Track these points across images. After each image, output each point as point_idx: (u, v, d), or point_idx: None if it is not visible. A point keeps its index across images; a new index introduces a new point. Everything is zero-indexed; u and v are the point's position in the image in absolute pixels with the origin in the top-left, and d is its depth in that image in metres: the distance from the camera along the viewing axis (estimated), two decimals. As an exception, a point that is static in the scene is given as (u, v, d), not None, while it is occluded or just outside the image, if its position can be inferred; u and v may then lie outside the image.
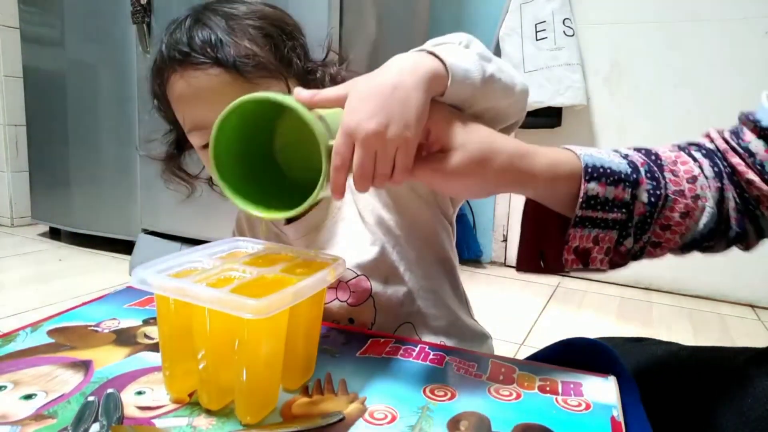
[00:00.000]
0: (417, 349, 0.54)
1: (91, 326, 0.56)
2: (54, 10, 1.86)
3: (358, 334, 0.57)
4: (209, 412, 0.42)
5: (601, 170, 0.46)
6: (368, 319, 0.64)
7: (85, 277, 1.64)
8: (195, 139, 0.60)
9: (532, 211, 0.51)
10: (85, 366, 0.48)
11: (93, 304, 0.62)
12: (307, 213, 0.66)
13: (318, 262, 0.47)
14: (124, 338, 0.54)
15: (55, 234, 2.11)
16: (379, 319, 0.64)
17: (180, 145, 0.68)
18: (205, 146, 0.59)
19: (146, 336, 0.55)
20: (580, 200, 0.46)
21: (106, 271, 1.72)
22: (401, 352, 0.53)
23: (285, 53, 0.60)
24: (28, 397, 0.43)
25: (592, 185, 0.46)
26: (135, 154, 1.75)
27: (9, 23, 2.13)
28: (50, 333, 0.54)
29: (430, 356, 0.52)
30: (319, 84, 0.64)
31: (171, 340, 0.43)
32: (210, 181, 0.73)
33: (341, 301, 0.64)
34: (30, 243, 2.04)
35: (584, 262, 0.49)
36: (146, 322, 0.58)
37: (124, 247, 1.83)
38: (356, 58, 1.49)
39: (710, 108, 1.67)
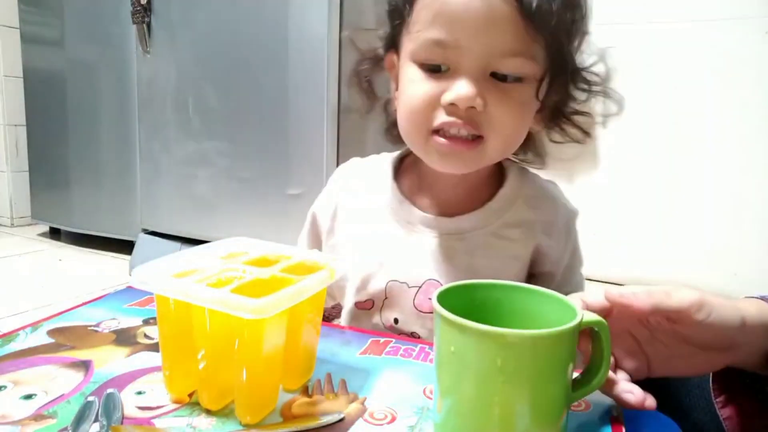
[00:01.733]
0: (417, 349, 0.54)
1: (91, 326, 0.56)
2: (54, 10, 1.87)
3: (358, 335, 0.57)
4: (209, 412, 0.42)
5: None
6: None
7: (85, 277, 1.65)
8: (426, 50, 0.51)
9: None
10: (85, 366, 0.48)
11: (93, 304, 0.62)
12: (465, 213, 0.61)
13: (317, 263, 0.47)
14: (124, 338, 0.54)
15: (55, 234, 2.11)
16: None
17: (390, 45, 0.59)
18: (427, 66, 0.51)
19: (146, 336, 0.55)
20: None
21: (106, 271, 1.73)
22: (401, 352, 0.53)
23: (575, 36, 0.54)
24: (28, 397, 0.43)
25: None
26: (135, 154, 1.76)
27: (9, 23, 2.13)
28: (50, 333, 0.54)
29: (431, 356, 0.52)
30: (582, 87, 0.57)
31: (171, 340, 0.43)
32: (388, 131, 0.64)
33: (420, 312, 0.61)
34: (30, 243, 2.04)
35: None
36: (146, 322, 0.58)
37: (124, 247, 1.84)
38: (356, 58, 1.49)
39: (710, 108, 1.67)
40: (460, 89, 0.49)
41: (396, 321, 0.63)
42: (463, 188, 0.61)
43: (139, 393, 0.44)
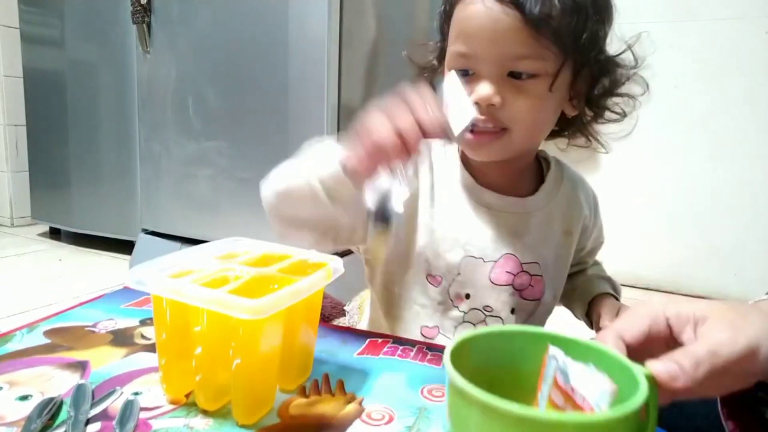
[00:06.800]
0: (414, 349, 0.54)
1: (87, 327, 0.56)
2: (54, 10, 1.86)
3: (355, 335, 0.57)
4: (206, 413, 0.42)
5: None
6: (523, 319, 0.66)
7: (85, 277, 1.64)
8: (454, 60, 0.58)
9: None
10: (82, 367, 0.48)
11: (90, 305, 0.62)
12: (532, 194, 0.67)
13: (314, 263, 0.47)
14: (121, 339, 0.54)
15: (55, 234, 2.11)
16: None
17: (441, 57, 0.65)
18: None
19: (143, 336, 0.54)
20: None
21: (106, 271, 1.72)
22: (399, 352, 0.53)
23: (585, 34, 0.58)
24: (24, 398, 0.43)
25: None
26: (135, 154, 1.75)
27: (9, 23, 2.12)
28: (47, 333, 0.54)
29: (428, 356, 0.52)
30: (605, 82, 0.63)
31: (168, 341, 0.43)
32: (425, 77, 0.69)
33: (516, 289, 0.65)
34: (30, 243, 2.04)
35: None
36: (143, 323, 0.58)
37: (124, 247, 1.83)
38: (356, 58, 1.49)
39: (710, 108, 1.67)
40: (480, 90, 0.56)
41: (467, 296, 0.65)
42: (508, 175, 0.66)
43: (136, 394, 0.44)
